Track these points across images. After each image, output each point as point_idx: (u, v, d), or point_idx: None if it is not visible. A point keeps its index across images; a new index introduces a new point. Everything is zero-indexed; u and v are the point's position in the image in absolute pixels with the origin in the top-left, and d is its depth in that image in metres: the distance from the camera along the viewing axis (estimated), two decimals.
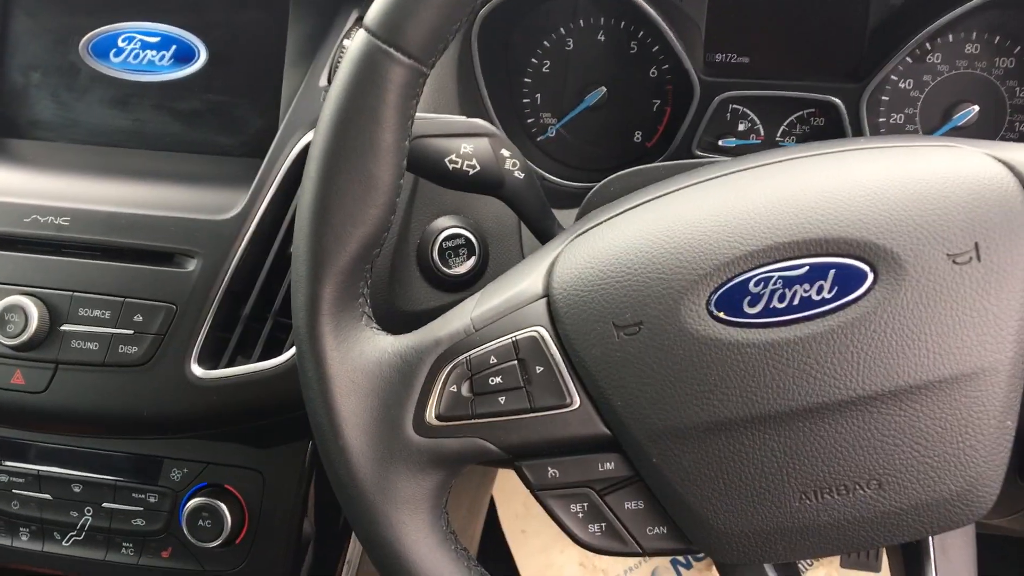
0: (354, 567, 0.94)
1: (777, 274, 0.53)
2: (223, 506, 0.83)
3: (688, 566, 1.80)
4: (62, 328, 0.76)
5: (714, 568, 1.79)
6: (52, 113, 0.89)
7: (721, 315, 0.53)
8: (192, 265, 0.77)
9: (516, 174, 0.73)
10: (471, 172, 0.71)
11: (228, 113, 0.87)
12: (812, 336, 0.52)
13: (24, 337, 0.75)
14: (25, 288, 0.77)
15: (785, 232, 0.53)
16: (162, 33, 0.88)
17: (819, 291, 0.52)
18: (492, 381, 0.58)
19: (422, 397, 0.58)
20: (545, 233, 0.76)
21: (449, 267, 0.81)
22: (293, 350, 0.77)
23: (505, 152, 0.72)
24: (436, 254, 0.81)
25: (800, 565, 1.72)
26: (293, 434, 0.84)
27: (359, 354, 0.59)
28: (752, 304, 0.53)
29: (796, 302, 0.53)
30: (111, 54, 0.89)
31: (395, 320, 0.80)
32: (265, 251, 0.78)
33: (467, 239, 0.82)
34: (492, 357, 0.58)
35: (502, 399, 0.58)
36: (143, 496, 0.86)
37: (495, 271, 0.83)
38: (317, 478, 0.87)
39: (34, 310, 0.76)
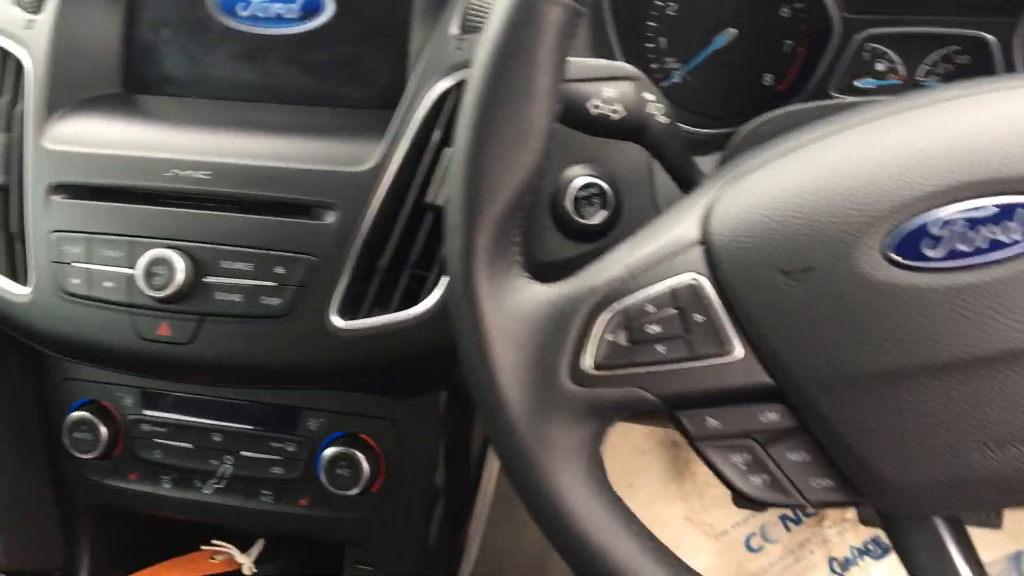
0: (482, 523, 0.95)
1: (961, 216, 0.50)
2: (360, 455, 0.85)
3: (798, 522, 1.78)
4: (206, 280, 0.78)
5: (824, 524, 1.74)
6: (182, 69, 0.90)
7: (898, 259, 0.51)
8: (331, 217, 0.77)
9: (659, 119, 0.71)
10: (614, 117, 0.69)
11: (356, 65, 0.87)
12: (1000, 280, 0.49)
13: (170, 290, 0.77)
14: (169, 241, 0.78)
15: (970, 171, 0.50)
16: None
17: (1009, 233, 0.50)
18: (650, 330, 0.57)
19: (577, 346, 0.58)
20: (686, 180, 0.74)
21: (583, 217, 0.80)
22: (430, 301, 0.77)
23: (649, 96, 0.70)
24: (570, 203, 0.79)
25: None
26: (428, 385, 0.84)
27: (513, 303, 0.59)
28: (932, 247, 0.51)
29: (983, 245, 0.50)
30: (238, 8, 0.89)
31: (528, 270, 0.79)
32: (401, 202, 0.78)
33: (601, 188, 0.80)
34: (649, 305, 0.57)
35: (661, 348, 0.56)
36: (281, 445, 0.88)
37: (628, 221, 0.81)
38: (448, 431, 0.88)
39: (179, 263, 0.77)
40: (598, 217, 0.80)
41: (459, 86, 0.78)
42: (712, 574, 1.74)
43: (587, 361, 0.57)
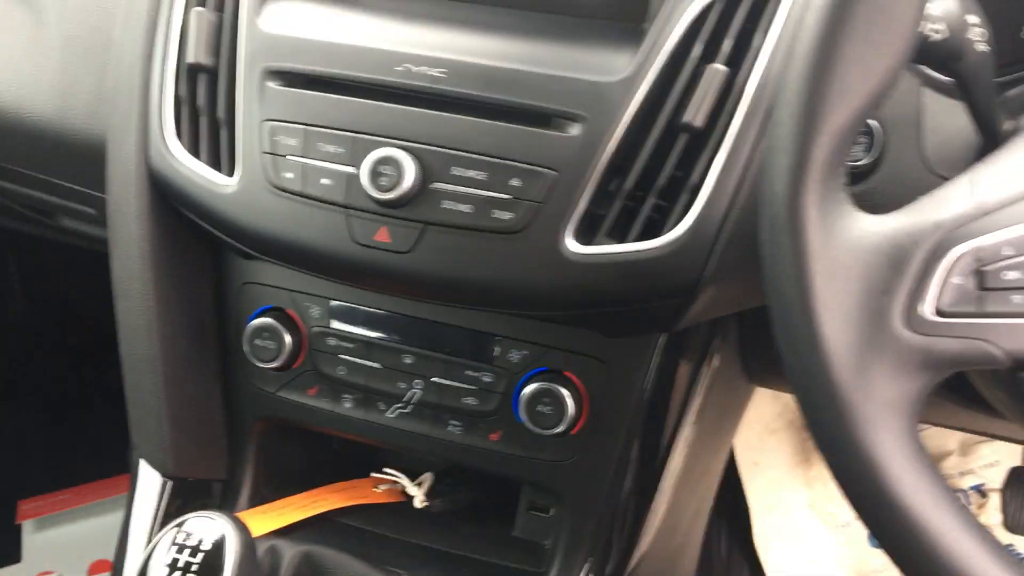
0: (668, 491, 0.88)
1: None
2: (566, 393, 0.78)
3: None
4: (433, 186, 0.71)
5: None
6: None
7: None
8: (575, 129, 0.70)
9: (979, 47, 0.62)
10: (934, 37, 0.61)
11: None
12: None
13: (396, 193, 0.71)
14: (398, 141, 0.72)
15: None
16: None
17: None
18: (1007, 276, 0.49)
19: (916, 287, 0.50)
20: (988, 121, 0.66)
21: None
22: (676, 233, 0.70)
23: (972, 19, 0.62)
24: None
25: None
26: (651, 325, 0.77)
27: (843, 232, 0.51)
28: None
29: None
30: None
31: None
32: (652, 120, 0.70)
33: (869, 127, 0.72)
34: (1007, 248, 0.49)
35: (1017, 298, 0.49)
36: (477, 374, 0.82)
37: (891, 165, 0.73)
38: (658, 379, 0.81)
39: (410, 164, 0.71)
40: (863, 158, 0.73)
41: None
42: (831, 566, 1.66)
43: (927, 306, 0.50)
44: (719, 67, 0.69)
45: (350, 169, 0.73)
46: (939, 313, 0.50)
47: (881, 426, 0.50)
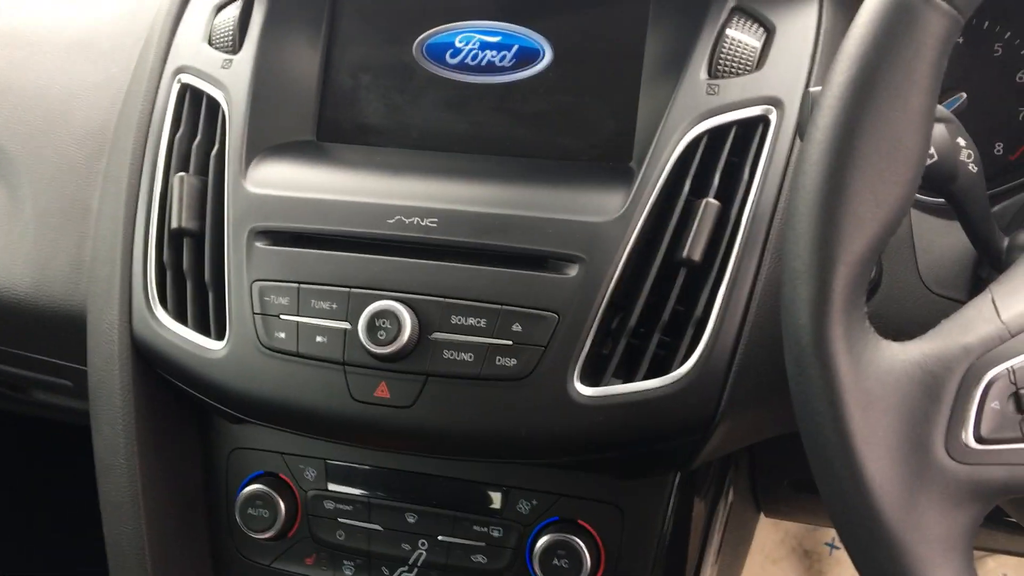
0: None
1: None
2: (581, 544, 0.74)
3: None
4: (432, 337, 0.70)
5: None
6: (381, 117, 0.84)
7: None
8: (573, 271, 0.69)
9: (971, 167, 0.63)
10: (927, 162, 0.62)
11: (575, 115, 0.80)
12: None
13: (395, 346, 0.69)
14: (394, 293, 0.71)
15: None
16: (503, 32, 0.83)
17: None
18: None
19: (954, 415, 0.49)
20: (987, 239, 0.66)
21: None
22: (683, 369, 0.69)
23: (961, 141, 0.63)
24: None
25: None
26: (663, 465, 0.75)
27: (872, 363, 0.50)
28: None
29: None
30: (447, 55, 0.83)
31: None
32: (650, 257, 0.70)
33: None
34: None
35: None
36: (485, 529, 0.78)
37: (890, 287, 0.73)
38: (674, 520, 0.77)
39: (407, 317, 0.69)
40: None
41: (712, 133, 0.71)
42: None
43: (968, 433, 0.49)
44: (711, 201, 0.69)
45: (346, 325, 0.71)
46: (981, 440, 0.48)
47: (938, 565, 0.48)
